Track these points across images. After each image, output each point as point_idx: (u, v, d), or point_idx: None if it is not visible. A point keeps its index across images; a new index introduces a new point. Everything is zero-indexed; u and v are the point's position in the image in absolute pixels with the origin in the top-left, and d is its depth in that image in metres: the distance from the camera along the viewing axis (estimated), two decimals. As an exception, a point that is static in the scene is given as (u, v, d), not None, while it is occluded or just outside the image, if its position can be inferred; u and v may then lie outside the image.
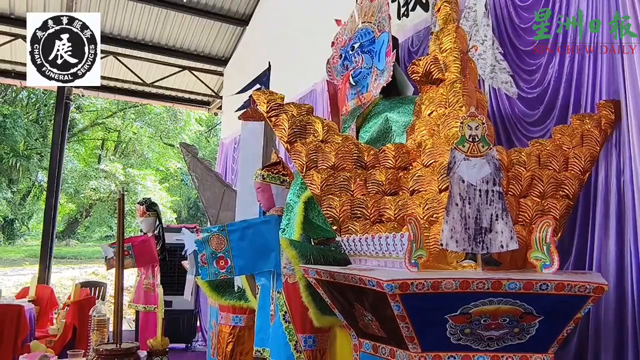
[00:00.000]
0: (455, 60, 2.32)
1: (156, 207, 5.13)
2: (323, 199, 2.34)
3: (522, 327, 1.81)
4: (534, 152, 2.46)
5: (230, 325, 3.54)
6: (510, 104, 3.07)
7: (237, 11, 8.25)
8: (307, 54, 5.74)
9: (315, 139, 2.44)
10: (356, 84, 3.43)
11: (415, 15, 4.20)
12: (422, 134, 2.36)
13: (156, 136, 21.78)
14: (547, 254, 1.91)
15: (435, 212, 2.12)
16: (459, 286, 1.71)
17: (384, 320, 1.90)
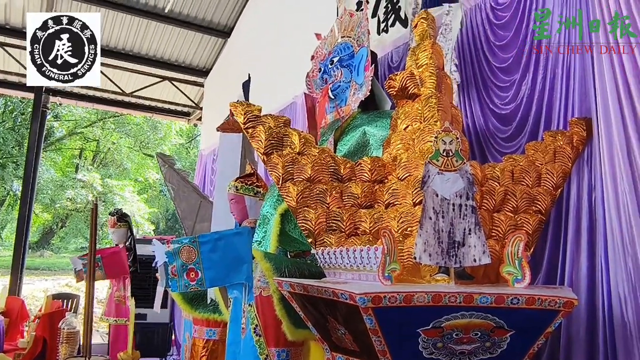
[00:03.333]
0: (431, 75, 2.35)
1: (128, 218, 5.04)
2: (299, 211, 2.33)
3: (493, 341, 1.82)
4: (508, 168, 2.49)
5: (204, 338, 3.48)
6: (485, 119, 3.11)
7: (219, 23, 8.27)
8: (287, 67, 5.77)
9: (292, 151, 2.44)
10: (335, 98, 3.44)
11: (394, 31, 4.25)
12: (397, 147, 2.38)
13: (135, 147, 21.56)
14: (519, 268, 1.93)
15: (410, 226, 2.13)
16: (432, 300, 1.71)
17: (357, 334, 1.89)
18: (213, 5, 7.95)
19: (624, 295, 2.23)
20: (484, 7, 3.28)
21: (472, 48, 3.29)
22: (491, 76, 3.14)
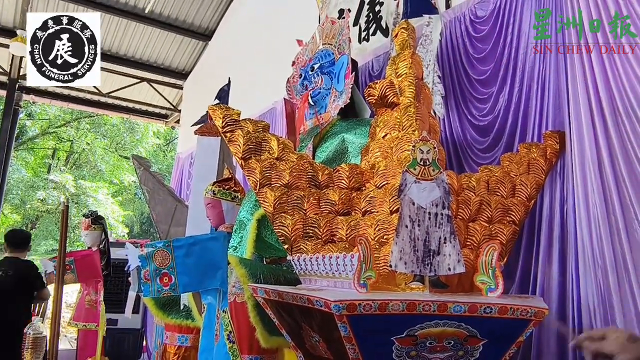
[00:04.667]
0: (410, 85, 2.37)
1: (102, 220, 4.94)
2: (276, 217, 2.32)
3: (466, 349, 1.83)
4: (483, 178, 2.52)
5: (176, 345, 3.42)
6: (462, 130, 3.15)
7: (200, 25, 8.22)
8: (268, 72, 5.76)
9: (270, 156, 2.43)
10: (315, 104, 3.45)
11: (375, 40, 4.29)
12: (375, 155, 2.39)
13: (111, 148, 21.20)
14: (493, 277, 1.95)
15: (386, 234, 2.13)
16: (406, 308, 1.72)
17: (331, 341, 1.88)
18: (195, 8, 7.90)
19: (594, 306, 2.28)
20: (463, 20, 3.34)
21: (452, 60, 3.33)
22: (470, 88, 3.18)
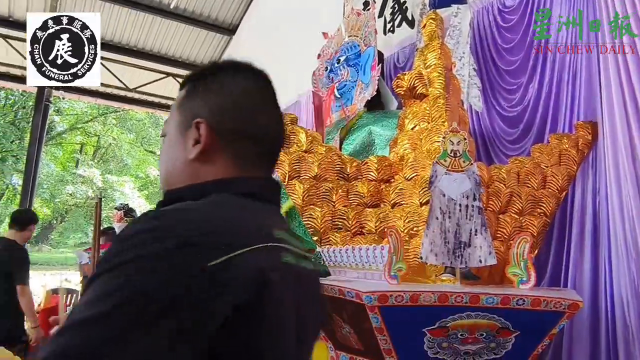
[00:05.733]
0: (439, 76, 2.36)
1: (134, 212, 5.03)
2: (304, 209, 2.34)
3: (498, 342, 1.83)
4: (514, 170, 2.50)
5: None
6: (491, 121, 3.12)
7: (224, 20, 8.26)
8: (292, 66, 5.77)
9: (299, 149, 2.44)
10: (341, 97, 3.45)
11: (400, 31, 4.25)
12: (404, 147, 2.38)
13: (137, 142, 21.54)
14: (525, 269, 1.94)
15: (416, 226, 2.13)
16: (438, 299, 1.72)
17: (362, 332, 1.89)
18: (218, 2, 7.95)
19: (627, 298, 2.24)
20: (491, 9, 3.29)
21: (479, 50, 3.29)
22: (498, 79, 3.14)
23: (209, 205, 0.69)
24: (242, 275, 0.60)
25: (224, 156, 0.79)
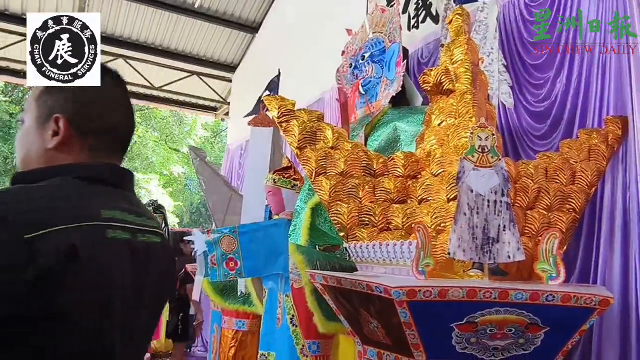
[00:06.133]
0: (466, 71, 2.35)
1: (163, 209, 5.15)
2: (331, 205, 2.36)
3: (527, 337, 1.82)
4: (542, 165, 2.48)
5: (233, 329, 3.54)
6: (518, 116, 3.09)
7: (247, 18, 8.32)
8: (315, 63, 5.79)
9: (325, 145, 2.47)
10: (365, 93, 3.46)
11: (424, 27, 4.24)
12: (431, 143, 2.38)
13: (161, 140, 21.85)
14: (554, 265, 1.92)
15: (443, 221, 2.14)
16: (466, 295, 1.72)
17: (390, 327, 1.91)
18: (242, 1, 8.01)
19: (659, 296, 2.21)
20: (517, 4, 3.26)
21: (505, 45, 3.27)
22: (525, 73, 3.11)
23: (41, 187, 0.85)
24: (51, 248, 0.75)
25: (79, 146, 0.97)
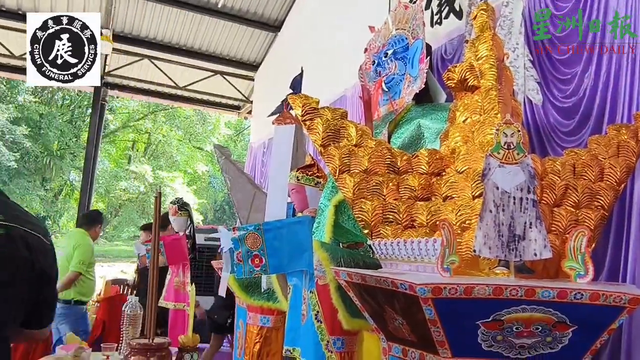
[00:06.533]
0: (491, 67, 2.33)
1: (188, 207, 5.22)
2: (355, 202, 2.37)
3: (554, 336, 1.80)
4: (569, 162, 2.44)
5: (258, 325, 3.57)
6: (545, 113, 3.05)
7: (270, 17, 8.37)
8: (338, 60, 5.79)
9: (349, 143, 2.47)
10: (388, 90, 3.45)
11: (448, 23, 4.21)
12: (456, 140, 2.37)
13: (185, 139, 22.14)
14: (582, 263, 1.90)
15: (468, 219, 2.13)
16: (492, 292, 1.71)
17: (415, 324, 1.91)
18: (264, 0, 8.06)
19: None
20: (543, -3, 3.21)
21: (531, 39, 3.22)
22: (551, 68, 3.07)
23: None
24: None
25: None
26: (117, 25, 8.16)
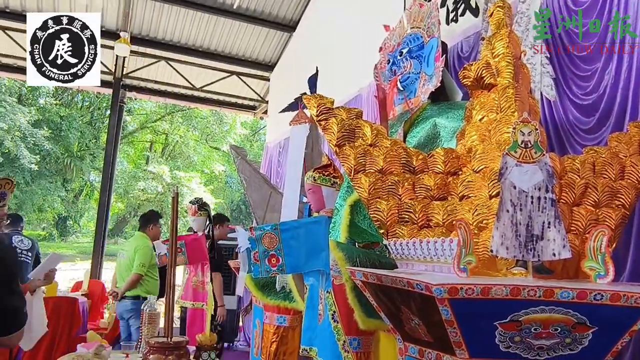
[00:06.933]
0: (508, 65, 2.30)
1: (207, 207, 5.27)
2: (371, 202, 2.36)
3: (574, 337, 1.78)
4: (589, 160, 2.40)
5: (275, 325, 3.58)
6: (564, 110, 3.00)
7: (285, 17, 8.39)
8: (353, 60, 5.78)
9: (364, 142, 2.46)
10: (404, 89, 3.43)
11: (464, 21, 4.17)
12: (472, 139, 2.35)
13: (202, 139, 22.29)
14: (602, 263, 1.86)
15: (485, 218, 2.10)
16: (510, 293, 1.69)
17: (431, 324, 1.90)
18: (279, 0, 8.08)
19: None
20: (562, -7, 3.16)
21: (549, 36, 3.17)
22: (570, 65, 3.02)
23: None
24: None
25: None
26: (134, 28, 8.26)
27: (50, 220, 22.09)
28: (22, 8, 7.64)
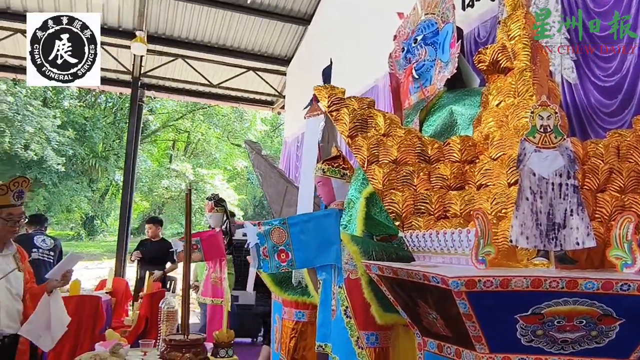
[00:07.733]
0: (525, 47, 2.20)
1: (224, 203, 5.26)
2: (385, 194, 2.30)
3: (600, 330, 1.69)
4: (613, 144, 2.29)
5: (293, 320, 3.55)
6: (586, 93, 2.88)
7: (299, 10, 8.33)
8: (368, 50, 5.70)
9: (377, 132, 2.40)
10: (419, 77, 3.35)
11: (480, 5, 4.05)
12: (489, 125, 2.26)
13: (223, 136, 22.43)
14: (629, 252, 1.77)
15: (504, 207, 2.02)
16: (530, 284, 1.62)
17: (449, 318, 1.84)
18: (293, -7, 8.03)
19: None
20: (582, -29, 3.03)
21: (569, 17, 3.05)
22: (592, 46, 2.89)
23: None
24: None
25: None
26: (150, 27, 8.30)
27: (78, 220, 22.56)
28: (23, 8, 7.69)
